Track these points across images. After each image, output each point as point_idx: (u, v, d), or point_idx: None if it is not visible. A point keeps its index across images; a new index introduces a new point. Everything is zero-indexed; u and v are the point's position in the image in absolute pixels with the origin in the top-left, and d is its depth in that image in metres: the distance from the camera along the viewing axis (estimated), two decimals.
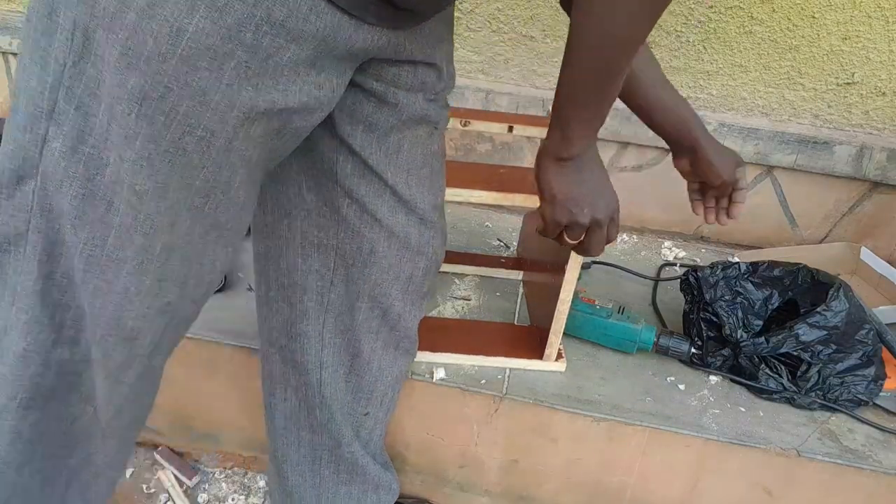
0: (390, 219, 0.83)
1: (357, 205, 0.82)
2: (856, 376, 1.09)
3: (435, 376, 1.11)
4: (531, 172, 1.07)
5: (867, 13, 1.45)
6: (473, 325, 1.25)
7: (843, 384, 1.09)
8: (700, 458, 1.09)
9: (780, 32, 1.50)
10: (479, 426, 1.14)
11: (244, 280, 1.29)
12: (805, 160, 1.57)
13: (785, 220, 1.67)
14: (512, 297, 1.35)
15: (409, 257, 0.87)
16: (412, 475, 1.22)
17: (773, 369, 1.11)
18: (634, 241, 1.66)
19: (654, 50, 1.55)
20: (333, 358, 0.91)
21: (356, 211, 0.82)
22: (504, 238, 1.58)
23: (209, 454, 1.28)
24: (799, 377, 1.10)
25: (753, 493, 1.11)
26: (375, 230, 0.83)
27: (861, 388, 1.09)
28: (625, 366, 1.19)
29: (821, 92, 1.56)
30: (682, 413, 1.10)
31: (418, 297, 0.92)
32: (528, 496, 1.20)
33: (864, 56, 1.50)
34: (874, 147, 1.53)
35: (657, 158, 1.63)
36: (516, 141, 1.67)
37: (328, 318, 0.89)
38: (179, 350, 1.15)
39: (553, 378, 1.14)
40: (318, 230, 0.85)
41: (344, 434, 0.95)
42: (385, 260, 0.85)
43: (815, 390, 1.09)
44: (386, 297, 0.88)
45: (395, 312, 0.90)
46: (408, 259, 0.87)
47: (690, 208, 1.13)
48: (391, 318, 0.90)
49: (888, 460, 1.06)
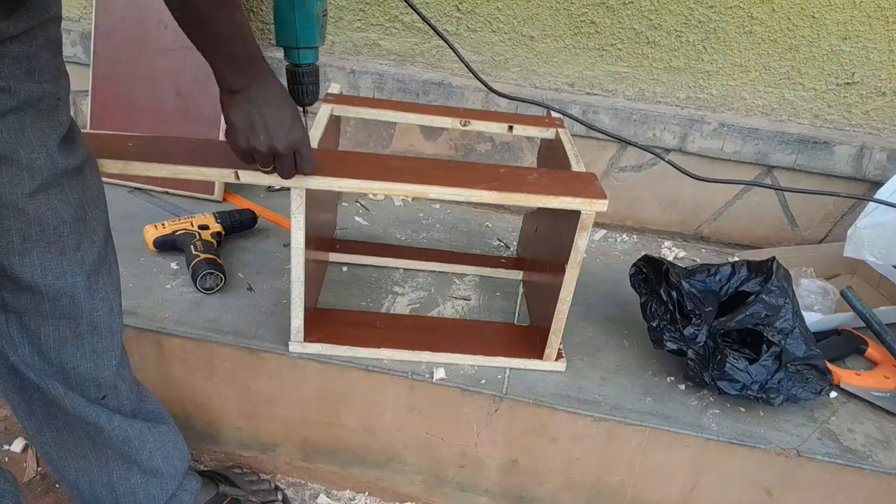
0: (33, 203, 0.78)
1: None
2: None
3: (435, 376, 1.11)
4: (531, 172, 1.07)
5: (867, 13, 1.45)
6: (473, 325, 1.25)
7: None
8: (700, 458, 1.09)
9: (780, 32, 1.50)
10: (478, 426, 1.14)
11: (244, 280, 1.29)
12: (805, 160, 1.57)
13: (785, 220, 1.67)
14: (512, 297, 1.35)
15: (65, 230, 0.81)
16: (412, 475, 1.22)
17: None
18: (634, 240, 1.66)
19: (653, 50, 1.55)
20: (29, 357, 0.87)
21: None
22: (504, 238, 1.58)
23: (209, 454, 1.28)
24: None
25: (753, 493, 1.11)
26: (20, 220, 0.78)
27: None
28: (625, 366, 1.19)
29: (821, 92, 1.56)
30: (682, 413, 1.10)
31: (73, 252, 0.84)
32: (527, 496, 1.20)
33: (864, 56, 1.50)
34: (874, 147, 1.53)
35: (657, 158, 1.63)
36: (516, 141, 1.67)
37: (10, 317, 0.85)
38: (179, 350, 1.15)
39: (553, 378, 1.14)
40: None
41: (99, 416, 0.92)
42: (43, 240, 0.80)
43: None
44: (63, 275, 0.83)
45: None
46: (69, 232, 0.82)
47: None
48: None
49: (888, 460, 1.06)
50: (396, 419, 1.16)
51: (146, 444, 0.98)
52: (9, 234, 0.79)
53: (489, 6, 1.56)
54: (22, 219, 0.78)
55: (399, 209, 1.67)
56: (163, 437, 1.00)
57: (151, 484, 1.00)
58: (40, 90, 0.76)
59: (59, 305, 0.84)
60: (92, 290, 0.86)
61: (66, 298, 0.84)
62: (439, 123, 1.25)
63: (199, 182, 1.52)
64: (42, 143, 0.77)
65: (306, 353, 1.12)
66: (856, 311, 1.23)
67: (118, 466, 0.97)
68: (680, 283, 1.12)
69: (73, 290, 0.84)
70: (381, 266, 1.39)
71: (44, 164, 0.77)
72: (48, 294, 0.83)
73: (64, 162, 0.80)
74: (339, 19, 1.63)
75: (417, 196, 1.06)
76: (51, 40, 0.77)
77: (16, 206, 0.77)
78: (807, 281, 1.35)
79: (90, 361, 0.89)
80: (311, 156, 0.91)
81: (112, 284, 0.90)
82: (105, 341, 0.90)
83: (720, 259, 1.61)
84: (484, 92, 1.60)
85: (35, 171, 0.77)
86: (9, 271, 0.81)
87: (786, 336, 1.08)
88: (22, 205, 0.77)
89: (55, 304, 0.84)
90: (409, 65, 1.67)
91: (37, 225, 0.79)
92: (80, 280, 0.84)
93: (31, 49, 0.74)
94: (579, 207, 0.99)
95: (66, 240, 0.82)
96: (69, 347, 0.87)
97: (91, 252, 0.85)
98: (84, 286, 0.85)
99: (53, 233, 0.81)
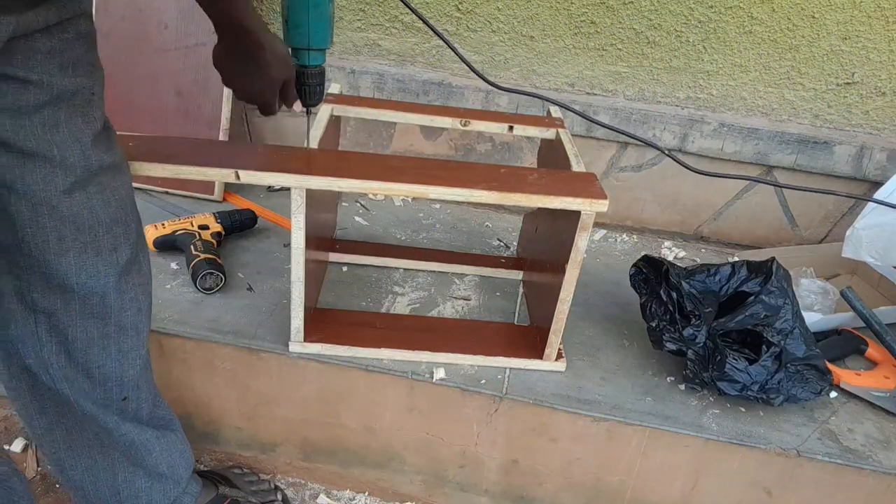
0: (68, 201, 0.78)
1: (25, 199, 0.76)
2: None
3: (435, 376, 1.11)
4: (531, 172, 1.07)
5: (867, 13, 1.45)
6: (473, 325, 1.25)
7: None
8: (700, 458, 1.09)
9: (780, 32, 1.50)
10: (478, 426, 1.14)
11: (244, 280, 1.29)
12: (805, 160, 1.57)
13: (785, 220, 1.67)
14: (512, 297, 1.35)
15: (95, 236, 0.81)
16: (412, 475, 1.22)
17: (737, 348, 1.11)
18: (634, 240, 1.66)
19: (653, 50, 1.55)
20: (55, 356, 0.87)
21: (26, 205, 0.76)
22: (504, 238, 1.58)
23: (209, 454, 1.28)
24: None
25: (753, 493, 1.11)
26: (55, 218, 0.78)
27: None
28: (625, 366, 1.19)
29: (821, 92, 1.56)
30: (681, 413, 1.10)
31: (109, 253, 0.85)
32: (527, 496, 1.20)
33: (864, 56, 1.50)
34: (874, 147, 1.53)
35: (657, 158, 1.63)
36: (516, 141, 1.67)
37: (39, 318, 0.85)
38: (179, 350, 1.15)
39: (553, 378, 1.14)
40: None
41: (108, 420, 0.93)
42: (79, 240, 0.80)
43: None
44: (97, 279, 0.83)
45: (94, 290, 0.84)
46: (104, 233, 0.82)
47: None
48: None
49: (888, 460, 1.06)
50: (396, 419, 1.16)
51: (152, 452, 0.98)
52: (44, 233, 0.78)
53: (489, 6, 1.56)
54: (56, 217, 0.78)
55: (399, 209, 1.67)
56: (170, 446, 1.01)
57: (155, 489, 1.00)
58: (74, 84, 0.75)
59: (88, 305, 0.84)
60: (122, 291, 0.86)
61: (97, 298, 0.84)
62: (439, 123, 1.25)
63: (199, 182, 1.52)
64: (76, 140, 0.77)
65: (306, 353, 1.12)
66: (856, 311, 1.23)
67: (124, 469, 0.97)
68: (680, 284, 1.13)
69: (105, 289, 0.84)
70: (381, 266, 1.39)
71: (77, 162, 0.77)
72: (80, 293, 0.83)
73: (99, 159, 0.79)
74: (339, 19, 1.63)
75: (417, 196, 1.06)
76: (83, 34, 0.76)
77: (49, 204, 0.77)
78: (807, 281, 1.35)
79: (115, 361, 0.89)
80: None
81: (142, 285, 0.90)
82: (131, 341, 0.90)
83: (720, 259, 1.61)
84: (484, 92, 1.60)
85: (69, 168, 0.77)
86: (43, 269, 0.80)
87: (786, 336, 1.08)
88: (56, 202, 0.77)
89: (85, 304, 0.84)
90: (409, 65, 1.67)
91: (72, 223, 0.79)
92: (111, 280, 0.84)
93: (63, 43, 0.73)
94: (580, 208, 0.99)
95: (102, 240, 0.82)
96: (96, 347, 0.87)
97: (125, 252, 0.85)
98: (115, 286, 0.85)
99: (89, 232, 0.80)
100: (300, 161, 1.00)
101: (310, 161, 1.00)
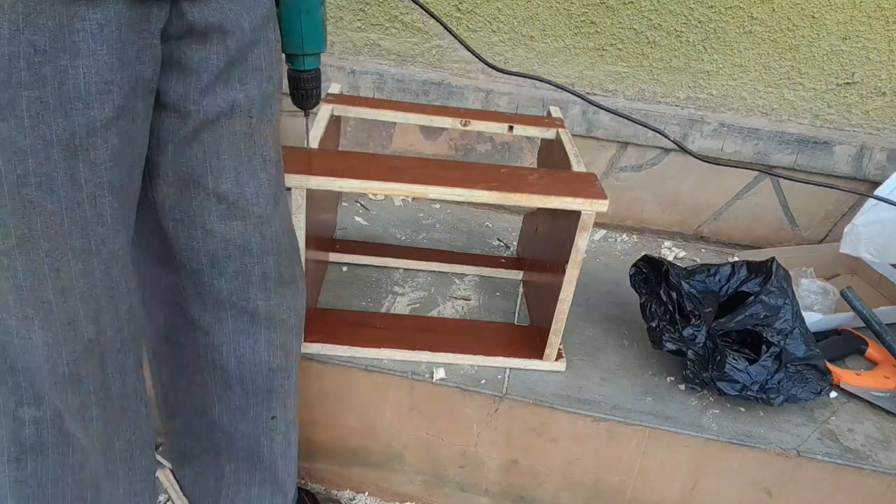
0: (223, 227, 0.79)
1: (182, 223, 0.78)
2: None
3: (435, 376, 1.11)
4: (532, 172, 1.07)
5: (867, 13, 1.45)
6: (473, 325, 1.25)
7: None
8: (700, 457, 1.09)
9: (780, 32, 1.50)
10: (478, 426, 1.14)
11: None
12: (805, 160, 1.57)
13: (785, 220, 1.67)
14: (512, 298, 1.35)
15: (254, 261, 0.83)
16: (412, 475, 1.22)
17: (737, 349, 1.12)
18: (634, 240, 1.66)
19: (653, 50, 1.55)
20: (217, 373, 0.89)
21: (184, 227, 0.78)
22: (504, 238, 1.58)
23: None
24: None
25: (753, 493, 1.11)
26: (211, 243, 0.79)
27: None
28: (625, 366, 1.19)
29: (821, 92, 1.56)
30: (681, 413, 1.10)
31: (282, 287, 0.88)
32: (527, 496, 1.20)
33: (864, 56, 1.50)
34: (874, 147, 1.53)
35: (657, 158, 1.63)
36: (516, 141, 1.67)
37: (198, 334, 0.87)
38: None
39: (553, 378, 1.14)
40: (153, 252, 0.83)
41: (260, 441, 0.96)
42: (230, 268, 0.82)
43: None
44: (247, 302, 0.85)
45: (262, 312, 0.87)
46: (254, 262, 0.83)
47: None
48: (261, 319, 0.87)
49: (888, 460, 1.06)
50: (396, 419, 1.16)
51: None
52: (198, 257, 0.81)
53: (489, 6, 1.56)
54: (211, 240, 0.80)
55: (399, 209, 1.67)
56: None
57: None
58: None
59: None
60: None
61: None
62: (439, 123, 1.25)
63: None
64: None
65: (306, 353, 1.12)
66: (856, 311, 1.23)
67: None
68: (679, 284, 1.13)
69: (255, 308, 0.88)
70: (381, 266, 1.39)
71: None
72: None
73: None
74: (339, 19, 1.63)
75: (417, 196, 1.06)
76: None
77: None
78: (807, 281, 1.35)
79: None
80: None
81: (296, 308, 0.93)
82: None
83: (720, 259, 1.61)
84: (484, 92, 1.60)
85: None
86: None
87: (785, 336, 1.08)
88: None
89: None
90: (409, 65, 1.67)
91: (224, 248, 0.81)
92: (261, 303, 0.87)
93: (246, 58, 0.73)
94: (580, 208, 0.99)
95: (252, 269, 0.84)
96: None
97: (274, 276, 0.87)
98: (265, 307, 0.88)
99: (240, 262, 0.82)
100: (300, 161, 1.00)
101: (310, 161, 1.01)
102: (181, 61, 0.68)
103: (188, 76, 0.69)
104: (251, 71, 0.73)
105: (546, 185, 1.02)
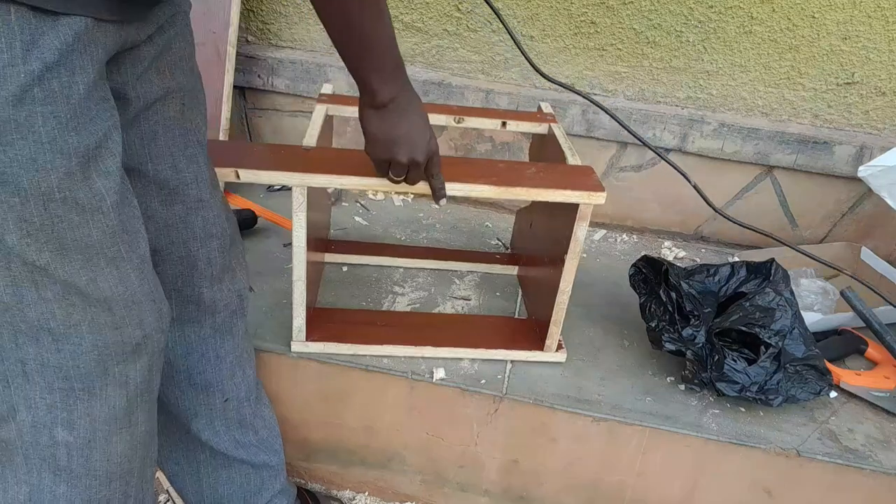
0: (164, 211, 0.80)
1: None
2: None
3: (435, 376, 1.11)
4: (530, 166, 1.07)
5: (867, 13, 1.45)
6: (474, 319, 1.25)
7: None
8: (700, 457, 1.09)
9: (780, 32, 1.50)
10: (479, 426, 1.14)
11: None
12: (805, 160, 1.57)
13: (785, 220, 1.67)
14: (512, 297, 1.35)
15: (198, 245, 0.85)
16: (412, 475, 1.22)
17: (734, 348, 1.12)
18: (634, 240, 1.66)
19: (653, 50, 1.55)
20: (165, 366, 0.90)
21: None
22: (503, 238, 1.58)
23: None
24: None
25: (753, 493, 1.11)
26: (153, 228, 0.80)
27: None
28: (625, 366, 1.19)
29: (821, 92, 1.55)
30: (681, 413, 1.10)
31: (224, 273, 0.90)
32: (528, 496, 1.20)
33: (864, 56, 1.50)
34: (874, 147, 1.53)
35: (657, 159, 1.63)
36: (516, 140, 1.67)
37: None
38: None
39: (553, 378, 1.14)
40: None
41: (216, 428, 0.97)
42: (175, 253, 0.84)
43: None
44: (192, 288, 0.87)
45: (207, 299, 0.89)
46: (199, 246, 0.85)
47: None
48: (206, 305, 0.89)
49: (888, 460, 1.06)
50: (396, 419, 1.16)
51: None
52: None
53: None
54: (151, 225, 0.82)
55: (399, 209, 1.67)
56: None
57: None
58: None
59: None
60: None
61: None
62: (434, 120, 1.24)
63: None
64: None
65: (308, 353, 1.12)
66: (856, 311, 1.23)
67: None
68: (679, 284, 1.12)
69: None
70: (380, 266, 1.39)
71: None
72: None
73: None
74: None
75: (417, 194, 1.06)
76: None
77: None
78: (807, 281, 1.35)
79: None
80: (439, 162, 0.94)
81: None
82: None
83: (720, 259, 1.61)
84: (484, 92, 1.59)
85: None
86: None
87: (784, 337, 1.08)
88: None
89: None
90: (408, 65, 1.66)
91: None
92: (205, 291, 0.90)
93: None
94: (578, 200, 1.00)
95: (197, 254, 0.86)
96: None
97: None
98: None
99: (184, 247, 0.84)
100: (300, 160, 1.00)
101: (310, 160, 1.01)
102: (121, 49, 0.70)
103: (125, 63, 0.71)
104: (177, 61, 0.77)
105: (545, 178, 1.02)
